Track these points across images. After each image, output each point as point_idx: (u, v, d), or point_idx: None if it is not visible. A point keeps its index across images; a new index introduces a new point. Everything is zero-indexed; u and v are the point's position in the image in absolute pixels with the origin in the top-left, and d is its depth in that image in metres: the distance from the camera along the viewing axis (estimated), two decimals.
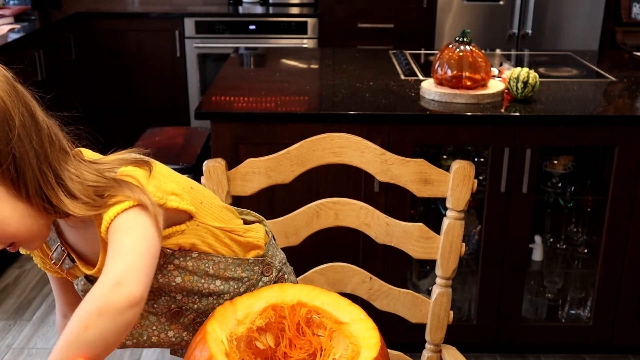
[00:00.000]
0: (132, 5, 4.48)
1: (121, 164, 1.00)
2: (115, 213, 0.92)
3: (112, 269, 0.87)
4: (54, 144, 0.95)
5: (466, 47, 2.29)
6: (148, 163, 1.02)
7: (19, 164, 0.91)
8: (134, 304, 0.86)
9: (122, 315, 0.85)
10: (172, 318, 1.13)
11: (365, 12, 4.16)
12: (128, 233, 0.91)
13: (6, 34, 3.43)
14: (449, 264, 1.42)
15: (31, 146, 0.92)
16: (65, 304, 1.24)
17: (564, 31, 4.06)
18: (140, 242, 0.91)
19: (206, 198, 1.11)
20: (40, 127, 0.94)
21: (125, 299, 0.85)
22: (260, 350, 1.04)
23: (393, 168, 1.43)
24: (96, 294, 0.86)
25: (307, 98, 2.41)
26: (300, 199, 1.74)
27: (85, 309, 0.85)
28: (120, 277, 0.86)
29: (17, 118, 0.91)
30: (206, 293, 1.10)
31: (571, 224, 2.60)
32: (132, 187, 0.94)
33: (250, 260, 1.14)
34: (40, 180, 0.92)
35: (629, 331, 2.44)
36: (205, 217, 1.07)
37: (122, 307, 0.85)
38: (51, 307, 2.85)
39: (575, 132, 2.22)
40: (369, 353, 0.99)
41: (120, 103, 4.35)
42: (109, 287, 0.85)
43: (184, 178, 1.10)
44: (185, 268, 1.07)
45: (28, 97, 0.96)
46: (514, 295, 2.41)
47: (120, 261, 0.88)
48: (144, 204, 0.93)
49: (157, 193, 0.98)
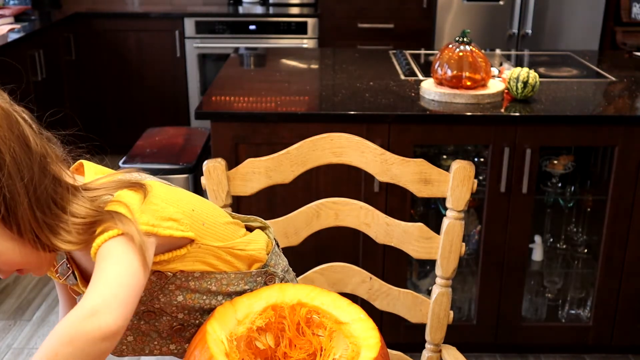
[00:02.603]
0: (132, 5, 4.48)
1: (117, 187, 0.98)
2: (103, 240, 0.91)
3: (90, 298, 0.85)
4: (47, 176, 0.93)
5: (466, 47, 2.29)
6: (144, 187, 0.99)
7: (9, 203, 0.89)
8: (108, 336, 0.83)
9: (94, 347, 0.82)
10: (174, 334, 1.12)
11: (365, 12, 4.16)
12: (113, 263, 0.89)
13: (6, 34, 3.43)
14: (449, 264, 1.42)
15: (22, 183, 0.89)
16: (69, 306, 1.24)
17: (564, 31, 4.06)
18: (124, 274, 0.88)
19: (209, 218, 1.08)
20: (33, 159, 0.91)
21: (98, 330, 0.82)
22: (260, 350, 1.04)
23: (393, 168, 1.43)
24: (70, 321, 0.83)
25: (307, 98, 2.41)
26: (300, 199, 1.74)
27: (57, 334, 0.83)
28: (96, 307, 0.84)
29: (7, 155, 0.88)
30: (208, 309, 1.09)
31: (571, 224, 2.60)
32: (122, 219, 0.92)
33: (253, 272, 1.13)
34: (31, 217, 0.90)
35: (629, 331, 2.44)
36: (207, 239, 1.05)
37: (94, 338, 0.82)
38: (51, 307, 2.85)
39: (575, 132, 2.22)
40: (369, 353, 0.99)
41: (120, 103, 4.35)
42: (83, 316, 0.83)
43: (186, 199, 1.06)
44: (187, 288, 1.06)
45: (22, 125, 0.92)
46: (514, 295, 2.41)
47: (99, 291, 0.86)
48: (131, 235, 0.91)
49: (152, 220, 0.96)
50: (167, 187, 1.06)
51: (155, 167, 2.94)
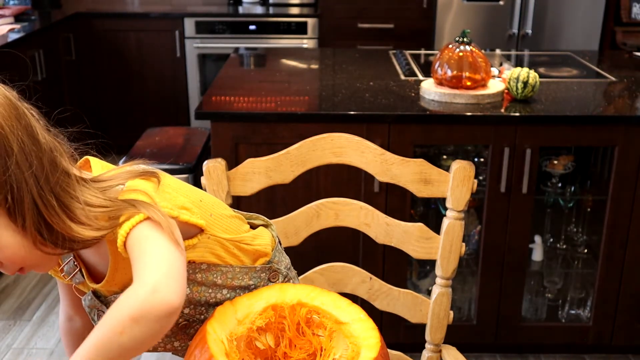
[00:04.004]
0: (132, 5, 4.48)
1: (129, 177, 0.98)
2: (130, 227, 0.90)
3: (146, 277, 0.85)
4: (56, 168, 0.92)
5: (466, 47, 2.29)
6: (156, 175, 1.00)
7: (16, 194, 0.88)
8: (171, 312, 0.84)
9: (158, 323, 0.83)
10: (179, 331, 1.13)
11: (365, 12, 4.16)
12: (151, 245, 0.89)
13: (6, 34, 3.43)
14: (449, 264, 1.42)
15: (30, 173, 0.88)
16: (70, 306, 1.24)
17: (564, 31, 4.06)
18: (166, 252, 0.88)
19: (215, 209, 1.09)
20: (42, 151, 0.91)
21: (163, 305, 0.83)
22: (260, 350, 1.04)
23: (393, 168, 1.43)
24: (132, 300, 0.83)
25: (307, 98, 2.41)
26: (300, 199, 1.75)
27: (119, 313, 0.83)
28: (156, 284, 0.84)
29: (15, 145, 0.87)
30: (213, 303, 1.10)
31: (571, 224, 2.60)
32: (144, 205, 0.92)
33: (258, 267, 1.13)
34: (42, 207, 0.89)
35: (629, 331, 2.45)
36: (215, 230, 1.06)
37: (159, 314, 0.83)
38: (51, 307, 2.85)
39: (575, 132, 2.22)
40: (369, 353, 0.99)
41: (120, 103, 4.35)
42: (145, 294, 0.83)
43: (193, 190, 1.07)
44: (194, 280, 1.06)
45: (29, 118, 0.92)
46: (514, 295, 2.41)
47: (152, 270, 0.85)
48: (156, 218, 0.90)
49: (170, 205, 0.96)
50: (174, 178, 1.07)
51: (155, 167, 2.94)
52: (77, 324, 1.26)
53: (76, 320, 1.26)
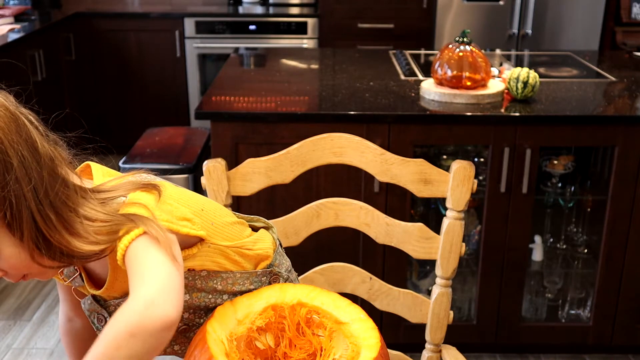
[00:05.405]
0: (132, 5, 4.48)
1: (130, 189, 0.97)
2: (129, 241, 0.90)
3: (143, 291, 0.85)
4: (56, 179, 0.91)
5: (466, 47, 2.29)
6: (157, 187, 0.99)
7: (15, 209, 0.87)
8: (169, 325, 0.83)
9: (154, 337, 0.83)
10: (179, 335, 1.12)
11: (365, 12, 4.16)
12: (149, 259, 0.89)
13: (6, 34, 3.43)
14: (449, 264, 1.42)
15: (30, 188, 0.87)
16: (70, 307, 1.24)
17: (564, 31, 4.06)
18: (162, 267, 0.88)
19: (217, 217, 1.08)
20: (42, 163, 0.90)
21: (159, 319, 0.82)
22: (260, 350, 1.04)
23: (393, 168, 1.43)
24: (128, 315, 0.83)
25: (307, 98, 2.41)
26: (300, 199, 1.75)
27: (116, 328, 0.83)
28: (152, 298, 0.83)
29: (15, 160, 0.86)
30: (212, 308, 1.10)
31: (571, 224, 2.60)
32: (142, 220, 0.92)
33: (259, 272, 1.13)
34: (41, 222, 0.89)
35: (629, 331, 2.44)
36: (216, 238, 1.06)
37: (155, 329, 0.82)
38: (51, 307, 2.85)
39: (575, 132, 2.22)
40: (369, 353, 0.99)
41: (120, 103, 4.35)
42: (142, 308, 0.83)
43: (194, 199, 1.07)
44: (193, 286, 1.06)
45: (29, 128, 0.91)
46: (514, 295, 2.41)
47: (149, 283, 0.86)
48: (154, 233, 0.90)
49: (170, 219, 0.96)
50: (176, 188, 1.06)
51: (155, 167, 2.94)
52: (77, 325, 1.26)
53: (76, 321, 1.26)
